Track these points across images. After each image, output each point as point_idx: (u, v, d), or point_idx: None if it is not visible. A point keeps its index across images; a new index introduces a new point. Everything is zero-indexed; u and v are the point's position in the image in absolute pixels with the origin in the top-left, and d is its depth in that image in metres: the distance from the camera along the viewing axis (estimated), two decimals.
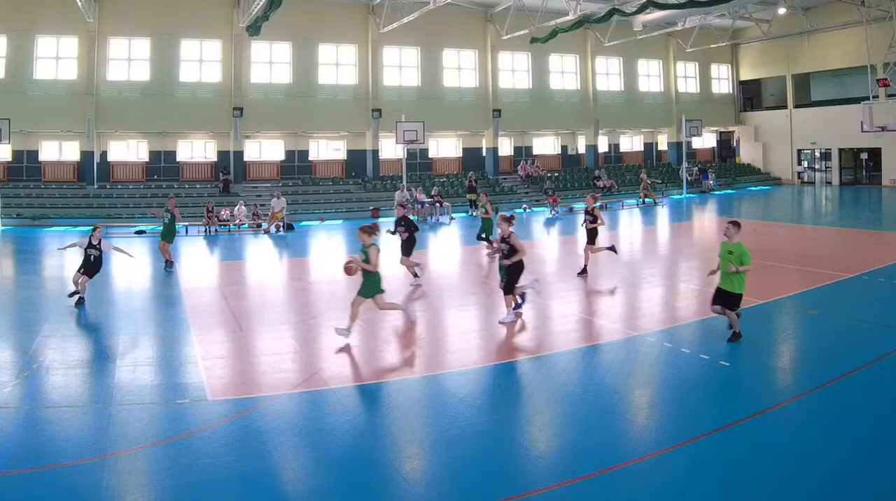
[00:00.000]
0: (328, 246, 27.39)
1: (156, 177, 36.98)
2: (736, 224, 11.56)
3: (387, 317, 13.64)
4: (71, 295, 15.50)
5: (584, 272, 18.02)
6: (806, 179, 48.64)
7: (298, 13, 35.94)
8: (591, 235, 18.40)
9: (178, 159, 37.72)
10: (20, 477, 7.47)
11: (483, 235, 21.69)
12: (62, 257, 20.52)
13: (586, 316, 14.50)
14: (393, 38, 38.81)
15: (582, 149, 46.84)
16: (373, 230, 12.45)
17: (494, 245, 14.15)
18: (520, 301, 13.74)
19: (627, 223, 32.26)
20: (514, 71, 43.66)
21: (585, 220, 18.44)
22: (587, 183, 42.41)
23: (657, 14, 38.46)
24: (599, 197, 22.09)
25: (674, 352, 11.43)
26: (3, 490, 7.17)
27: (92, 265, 15.60)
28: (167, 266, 20.41)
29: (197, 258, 24.45)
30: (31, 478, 7.46)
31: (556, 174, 43.95)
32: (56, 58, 34.57)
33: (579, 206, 36.22)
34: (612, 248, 18.96)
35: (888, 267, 18.17)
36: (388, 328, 13.40)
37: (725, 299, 11.50)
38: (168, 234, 21.06)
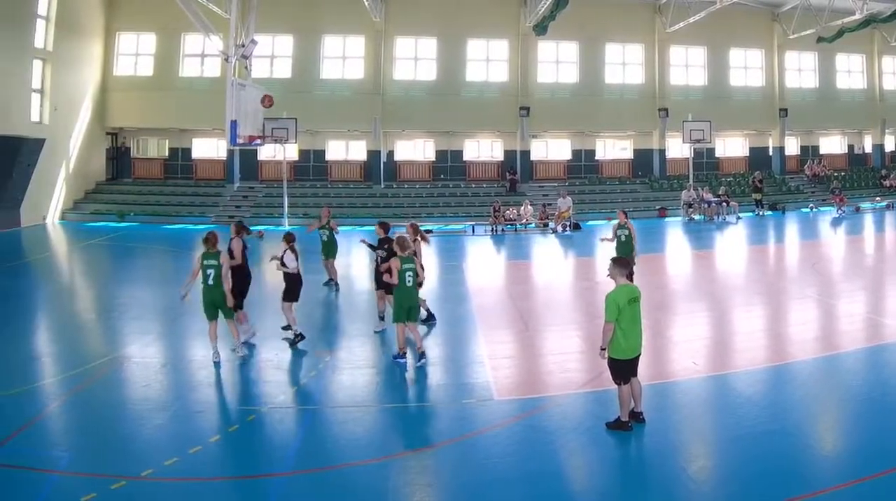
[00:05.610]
0: (614, 245, 26.31)
1: (442, 176, 37.92)
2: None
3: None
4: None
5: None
6: None
7: (584, 12, 35.07)
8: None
9: (464, 158, 38.47)
10: (308, 477, 7.72)
11: None
12: (349, 257, 21.12)
13: (873, 315, 14.34)
14: (679, 38, 37.86)
15: (868, 149, 44.57)
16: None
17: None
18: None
19: None
20: (801, 70, 41.97)
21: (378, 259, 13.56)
22: (874, 182, 40.53)
23: None
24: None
25: None
26: (291, 489, 7.45)
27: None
28: (331, 284, 17.66)
29: (483, 257, 24.74)
30: (319, 478, 7.67)
31: (843, 173, 42.09)
32: (342, 57, 36.34)
33: (866, 206, 36.36)
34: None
35: None
36: (674, 327, 13.69)
37: None
38: (329, 250, 17.65)
